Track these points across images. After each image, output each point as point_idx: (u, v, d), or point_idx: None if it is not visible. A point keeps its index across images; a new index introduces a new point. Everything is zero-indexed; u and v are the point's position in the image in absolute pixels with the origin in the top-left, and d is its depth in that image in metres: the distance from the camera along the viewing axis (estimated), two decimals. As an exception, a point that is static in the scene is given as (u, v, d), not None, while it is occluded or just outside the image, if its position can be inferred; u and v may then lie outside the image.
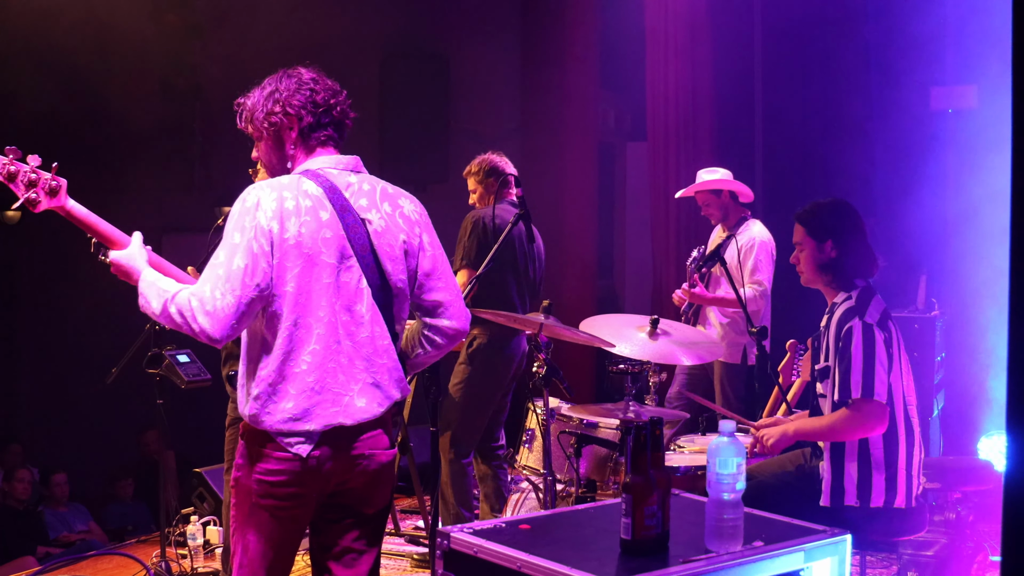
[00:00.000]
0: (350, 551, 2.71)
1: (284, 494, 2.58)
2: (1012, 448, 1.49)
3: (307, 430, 2.55)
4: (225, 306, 2.49)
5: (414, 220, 2.73)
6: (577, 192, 7.73)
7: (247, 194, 2.59)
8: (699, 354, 4.44)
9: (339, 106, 2.76)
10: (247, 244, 2.52)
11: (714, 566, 2.40)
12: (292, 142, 2.72)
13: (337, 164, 2.72)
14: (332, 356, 2.58)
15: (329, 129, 2.74)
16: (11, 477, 6.69)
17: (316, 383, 2.56)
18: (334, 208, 2.60)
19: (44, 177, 2.70)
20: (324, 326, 2.57)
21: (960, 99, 6.68)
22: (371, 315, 2.62)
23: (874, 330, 3.34)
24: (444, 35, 8.22)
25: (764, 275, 5.36)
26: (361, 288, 2.61)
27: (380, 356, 2.64)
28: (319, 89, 2.74)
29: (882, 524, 3.38)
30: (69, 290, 7.70)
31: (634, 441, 2.46)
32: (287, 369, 2.56)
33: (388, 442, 2.69)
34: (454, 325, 2.79)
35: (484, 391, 4.92)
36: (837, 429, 3.36)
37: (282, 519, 2.61)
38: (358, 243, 2.61)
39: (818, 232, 3.53)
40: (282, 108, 2.70)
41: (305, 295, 2.56)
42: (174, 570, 4.67)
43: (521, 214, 3.99)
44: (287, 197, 2.57)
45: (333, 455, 2.58)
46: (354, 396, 2.59)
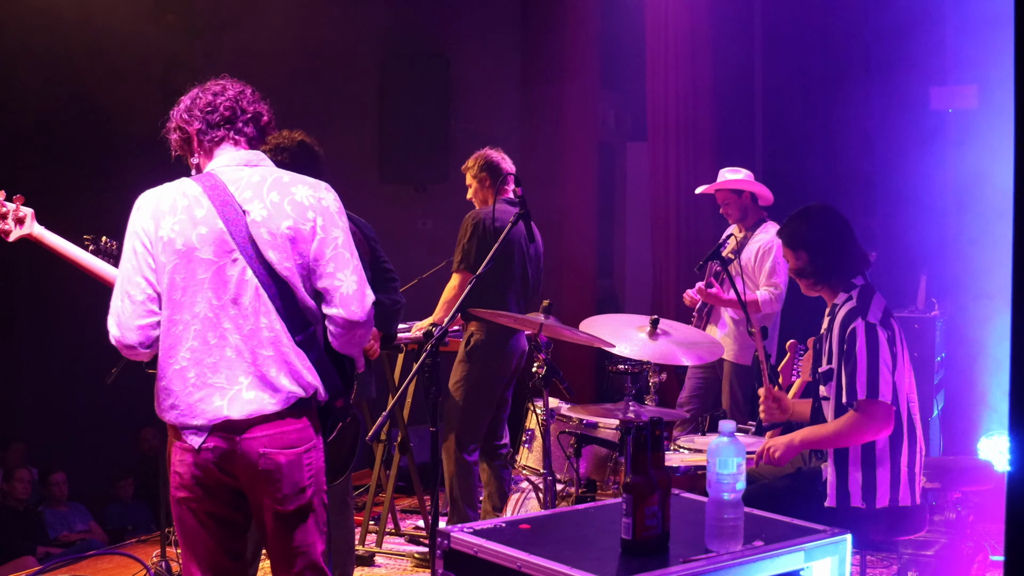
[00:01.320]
0: (281, 552, 2.71)
1: (190, 484, 2.66)
2: (1015, 448, 1.49)
3: (194, 424, 2.60)
4: (124, 309, 2.62)
5: (307, 205, 2.65)
6: (577, 192, 7.74)
7: (136, 202, 2.72)
8: (699, 354, 4.44)
9: (226, 101, 2.78)
10: (132, 246, 2.65)
11: (714, 566, 2.40)
12: (196, 150, 2.82)
13: (232, 161, 2.74)
14: (213, 351, 2.59)
15: (221, 129, 2.77)
16: (11, 477, 6.68)
17: (197, 378, 2.60)
18: (212, 204, 2.63)
19: (10, 208, 2.95)
20: (201, 322, 2.60)
21: (960, 99, 6.68)
22: (256, 307, 2.60)
23: (877, 329, 3.34)
24: (444, 35, 8.22)
25: (781, 278, 5.34)
26: (246, 280, 2.61)
27: (264, 347, 2.60)
28: (202, 94, 2.81)
29: (886, 523, 3.38)
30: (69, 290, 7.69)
31: (634, 441, 2.46)
32: (168, 367, 2.62)
33: (291, 441, 2.62)
34: (341, 314, 2.65)
35: (483, 387, 4.92)
36: (844, 434, 3.34)
37: (195, 511, 2.69)
38: (239, 235, 2.61)
39: (792, 242, 3.56)
40: (175, 126, 2.83)
41: (180, 291, 2.61)
42: (174, 570, 4.67)
43: (521, 213, 3.98)
44: (163, 197, 2.67)
45: (225, 447, 2.61)
46: (242, 389, 2.59)
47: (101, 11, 6.79)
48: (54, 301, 7.97)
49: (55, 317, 8.02)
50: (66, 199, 6.45)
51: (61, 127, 7.11)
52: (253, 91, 2.85)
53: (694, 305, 5.53)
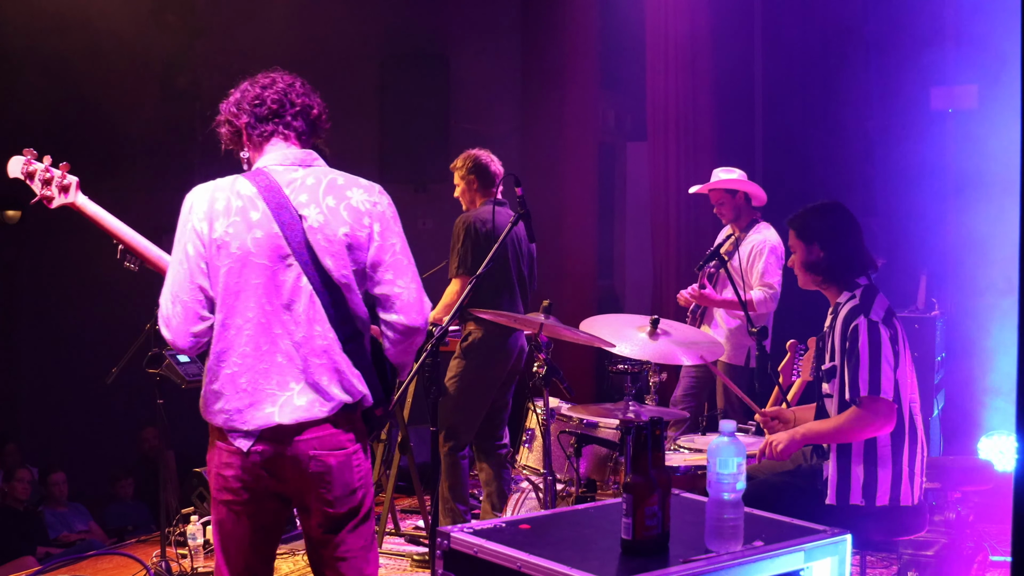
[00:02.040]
0: (336, 559, 2.69)
1: (235, 488, 2.62)
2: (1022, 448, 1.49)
3: (243, 429, 2.57)
4: (176, 314, 2.58)
5: (363, 211, 2.63)
6: (577, 192, 7.73)
7: (186, 198, 2.67)
8: (699, 354, 4.44)
9: (274, 94, 2.73)
10: (183, 247, 2.60)
11: (714, 566, 2.39)
12: (245, 145, 2.77)
13: (284, 160, 2.70)
14: (265, 356, 2.57)
15: (271, 123, 2.72)
16: (11, 477, 6.68)
17: (248, 383, 2.57)
18: (268, 207, 2.59)
19: (56, 175, 2.87)
20: (254, 327, 2.56)
21: (960, 99, 6.68)
22: (310, 314, 2.58)
23: (880, 327, 3.34)
24: (444, 35, 8.22)
25: (774, 278, 5.35)
26: (300, 286, 2.58)
27: (318, 356, 2.58)
28: (251, 87, 2.75)
29: (886, 523, 3.38)
30: (69, 290, 7.71)
31: (634, 441, 2.46)
32: (220, 370, 2.59)
33: (340, 442, 2.61)
34: (402, 320, 2.65)
35: (478, 385, 4.92)
36: (845, 430, 3.34)
37: (238, 514, 2.64)
38: (295, 240, 2.57)
39: (806, 235, 3.55)
40: (224, 119, 2.77)
41: (233, 296, 2.57)
42: (174, 570, 4.67)
43: (522, 213, 3.98)
44: (218, 198, 2.61)
45: (275, 453, 2.58)
46: (294, 395, 2.57)
47: (101, 12, 6.80)
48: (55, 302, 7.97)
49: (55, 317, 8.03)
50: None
51: (62, 127, 7.12)
52: (303, 83, 2.80)
53: (688, 305, 5.54)
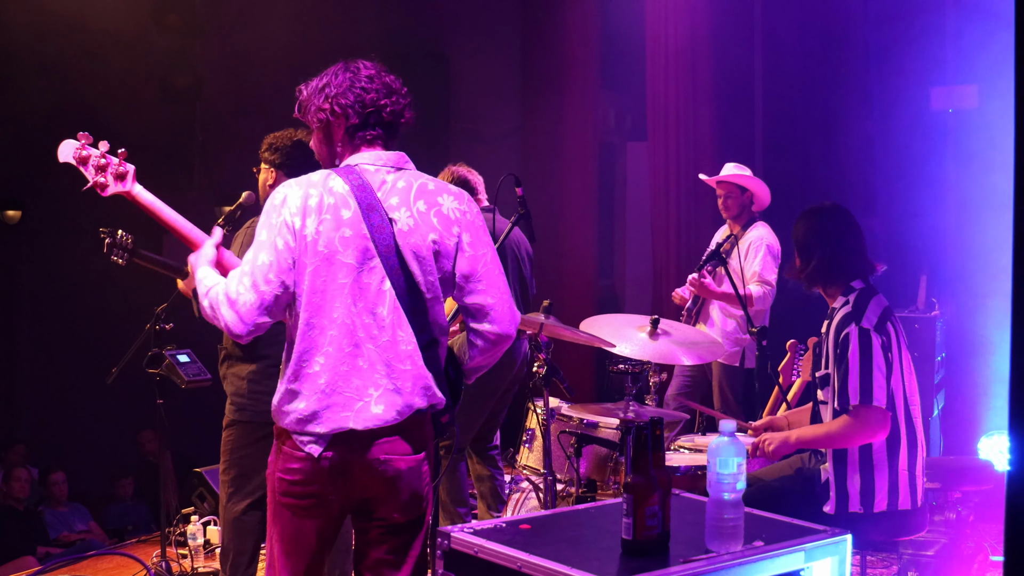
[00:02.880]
0: (384, 563, 2.65)
1: (300, 492, 2.56)
2: (1015, 448, 1.49)
3: (316, 432, 2.52)
4: (247, 301, 2.50)
5: (453, 219, 2.61)
6: (577, 192, 7.74)
7: (276, 191, 2.60)
8: (699, 354, 4.44)
9: (390, 106, 2.69)
10: (272, 240, 2.52)
11: (714, 566, 2.39)
12: (340, 140, 2.69)
13: (377, 160, 2.65)
14: (347, 359, 2.52)
15: (377, 129, 2.68)
16: (10, 477, 6.69)
17: (327, 385, 2.51)
18: (359, 206, 2.54)
19: (113, 162, 2.79)
20: (339, 328, 2.52)
21: (960, 99, 6.68)
22: (393, 318, 2.54)
23: (871, 335, 3.33)
24: (444, 35, 8.22)
25: (771, 274, 5.36)
26: (384, 290, 2.54)
27: (402, 362, 2.54)
28: (371, 88, 2.68)
29: (885, 525, 3.38)
30: (69, 290, 7.70)
31: (635, 441, 2.46)
32: (302, 370, 2.53)
33: (409, 448, 2.58)
34: (495, 329, 2.65)
35: (477, 395, 4.88)
36: (838, 436, 3.34)
37: (302, 519, 2.58)
38: (382, 243, 2.53)
39: (797, 239, 3.58)
40: (330, 106, 2.67)
41: (319, 295, 2.52)
42: (174, 570, 4.67)
43: (522, 214, 3.98)
44: (312, 194, 2.55)
45: (345, 458, 2.53)
46: (371, 401, 2.52)
47: (102, 12, 6.80)
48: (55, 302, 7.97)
49: (55, 317, 8.03)
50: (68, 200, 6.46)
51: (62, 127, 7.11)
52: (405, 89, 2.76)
53: (683, 304, 5.55)
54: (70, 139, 2.79)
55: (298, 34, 7.08)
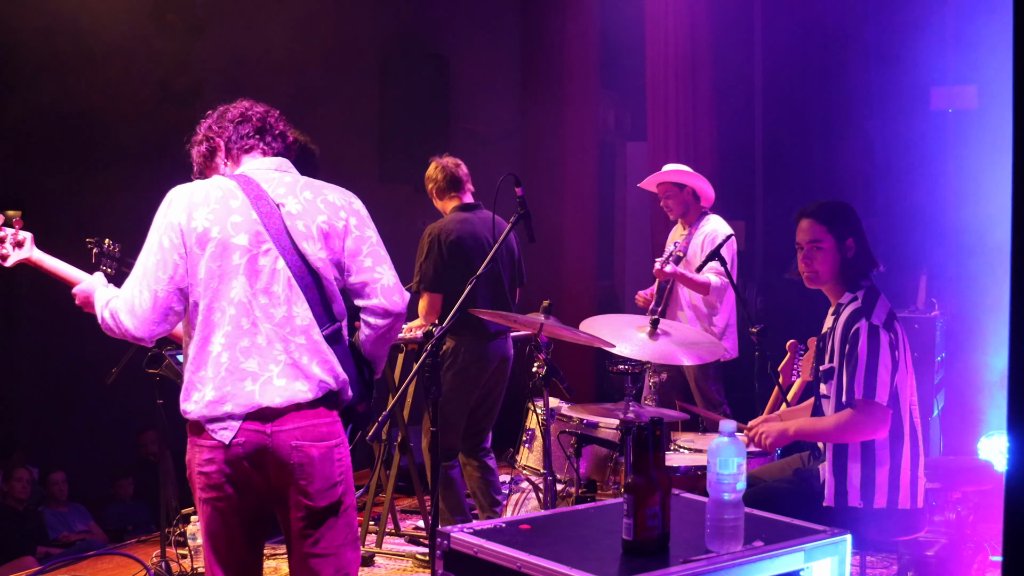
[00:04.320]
0: (312, 555, 2.69)
1: (218, 483, 2.63)
2: (1013, 448, 1.49)
3: (226, 412, 2.59)
4: (142, 302, 2.61)
5: (339, 205, 2.75)
6: (577, 192, 7.74)
7: (166, 197, 2.71)
8: (699, 354, 4.44)
9: (256, 115, 2.83)
10: (158, 240, 2.63)
11: (714, 566, 2.39)
12: (222, 160, 2.84)
13: (262, 165, 2.79)
14: (246, 335, 2.61)
15: (252, 138, 2.81)
16: (10, 477, 6.68)
17: (230, 363, 2.60)
18: (247, 196, 2.68)
19: (8, 233, 2.91)
20: (236, 307, 2.61)
21: (960, 99, 6.68)
22: (288, 295, 2.64)
23: (880, 332, 3.33)
24: (444, 35, 8.22)
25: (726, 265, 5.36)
26: (277, 269, 2.64)
27: (296, 335, 2.63)
28: (231, 108, 2.85)
29: (884, 524, 3.38)
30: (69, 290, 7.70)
31: (635, 441, 2.46)
32: (203, 355, 2.62)
33: (323, 434, 2.64)
34: (382, 304, 2.73)
35: (455, 392, 4.87)
36: (837, 430, 3.35)
37: (223, 511, 2.66)
38: (273, 226, 2.65)
39: (840, 230, 3.47)
40: (202, 137, 2.85)
41: (216, 279, 2.62)
42: (174, 570, 4.67)
43: (522, 214, 3.98)
44: (196, 191, 2.68)
45: (257, 444, 2.59)
46: (273, 376, 2.60)
47: (101, 12, 6.80)
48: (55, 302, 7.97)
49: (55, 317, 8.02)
50: (68, 201, 6.46)
51: (62, 127, 7.11)
52: (279, 114, 2.91)
53: (646, 306, 5.55)
54: None
55: (298, 35, 7.08)
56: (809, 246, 3.50)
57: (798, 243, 3.54)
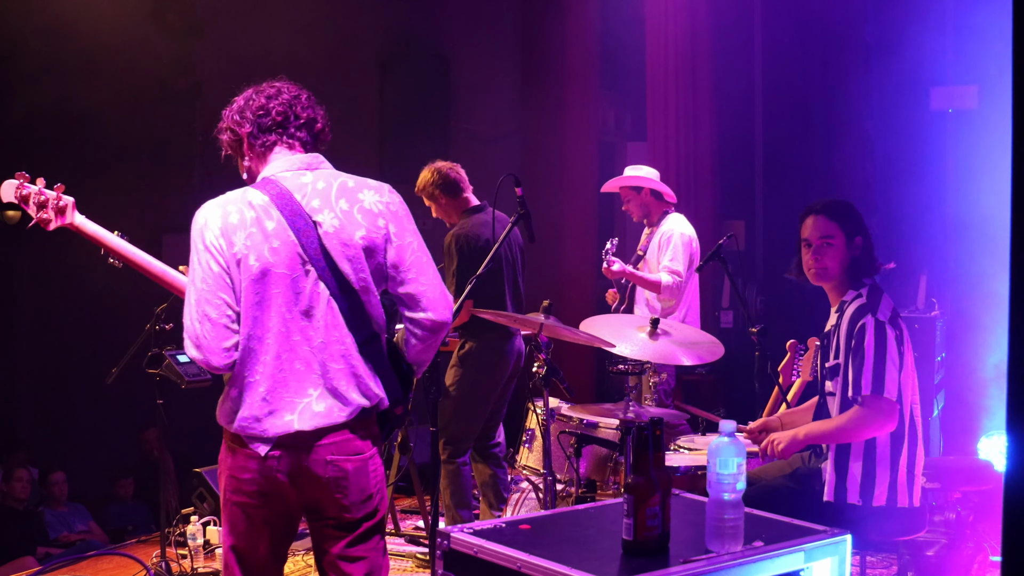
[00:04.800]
0: (342, 558, 2.69)
1: (250, 491, 2.61)
2: (1012, 448, 1.49)
3: (262, 436, 2.57)
4: (206, 332, 2.55)
5: (376, 212, 2.65)
6: (577, 192, 7.74)
7: (197, 214, 2.63)
8: (699, 354, 4.44)
9: (279, 106, 2.72)
10: (206, 265, 2.57)
11: (714, 566, 2.39)
12: (247, 153, 2.76)
13: (292, 165, 2.69)
14: (284, 364, 2.57)
15: (274, 133, 2.71)
16: (11, 477, 6.68)
17: (268, 393, 2.56)
18: (282, 215, 2.58)
19: (51, 197, 2.83)
20: (275, 336, 2.56)
21: (960, 99, 6.68)
22: (328, 320, 2.58)
23: (886, 327, 3.33)
24: (444, 35, 8.22)
25: (680, 264, 5.37)
26: (318, 292, 2.58)
27: (336, 361, 2.58)
28: (256, 96, 2.74)
29: (884, 523, 3.38)
30: (69, 290, 7.70)
31: (636, 441, 2.46)
32: (243, 380, 2.58)
33: (355, 448, 2.63)
34: (431, 316, 2.68)
35: (477, 392, 4.91)
36: (847, 429, 3.33)
37: (252, 517, 2.63)
38: (311, 247, 2.57)
39: (851, 227, 3.46)
40: (226, 127, 2.76)
41: (256, 307, 2.56)
42: (174, 570, 4.67)
43: (522, 214, 3.98)
44: (231, 211, 2.59)
45: (292, 458, 2.58)
46: (312, 401, 2.57)
47: (102, 12, 6.80)
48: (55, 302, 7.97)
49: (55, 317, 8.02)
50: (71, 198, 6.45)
51: (62, 127, 7.11)
52: (309, 95, 2.79)
53: (614, 303, 5.60)
54: (9, 179, 2.85)
55: (298, 34, 7.08)
56: (820, 242, 3.47)
57: (806, 239, 3.50)
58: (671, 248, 5.38)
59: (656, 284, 5.34)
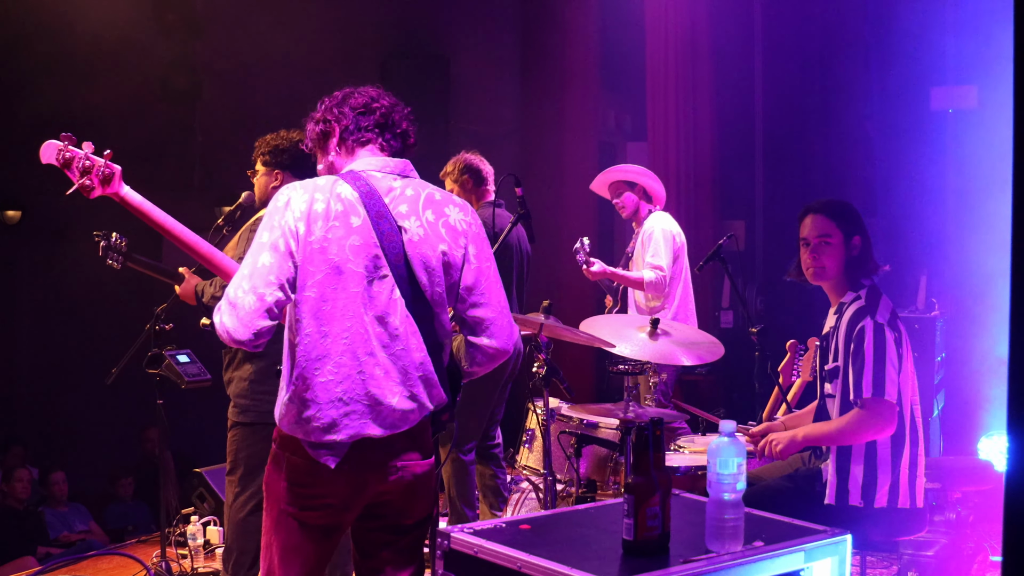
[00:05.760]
0: (389, 563, 2.64)
1: (310, 505, 2.53)
2: (1013, 448, 1.49)
3: (334, 440, 2.49)
4: (248, 304, 2.43)
5: (460, 231, 2.61)
6: (577, 192, 7.73)
7: (280, 193, 2.55)
8: (699, 354, 4.44)
9: (381, 108, 2.67)
10: (273, 242, 2.47)
11: (714, 566, 2.39)
12: (334, 148, 2.69)
13: (384, 167, 2.63)
14: (363, 367, 2.50)
15: (371, 132, 2.66)
16: (10, 477, 6.69)
17: (344, 394, 2.49)
18: (368, 214, 2.51)
19: (98, 164, 2.72)
20: (351, 336, 2.49)
21: (960, 99, 6.68)
22: (405, 328, 2.53)
23: (885, 330, 3.33)
24: (444, 35, 8.22)
25: (662, 259, 5.36)
26: (395, 299, 2.52)
27: (416, 370, 2.55)
28: (358, 94, 2.69)
29: (885, 524, 3.38)
30: (69, 290, 7.70)
31: (636, 441, 2.46)
32: (313, 379, 2.49)
33: (421, 453, 2.60)
34: (494, 344, 2.67)
35: (478, 388, 4.90)
36: (847, 432, 3.33)
37: (309, 528, 2.55)
38: (392, 252, 2.51)
39: (849, 227, 3.45)
40: (320, 117, 2.69)
41: (329, 303, 2.49)
42: (174, 570, 4.67)
43: (522, 214, 3.98)
44: (318, 199, 2.51)
45: (362, 466, 2.52)
46: (392, 407, 2.52)
47: (101, 12, 6.80)
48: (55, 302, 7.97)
49: (55, 317, 8.03)
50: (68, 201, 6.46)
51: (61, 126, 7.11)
52: (408, 111, 2.75)
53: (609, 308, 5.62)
54: (53, 140, 2.72)
55: (298, 34, 7.09)
56: (817, 240, 3.47)
57: (804, 238, 3.50)
58: (652, 244, 5.37)
59: (639, 282, 5.34)
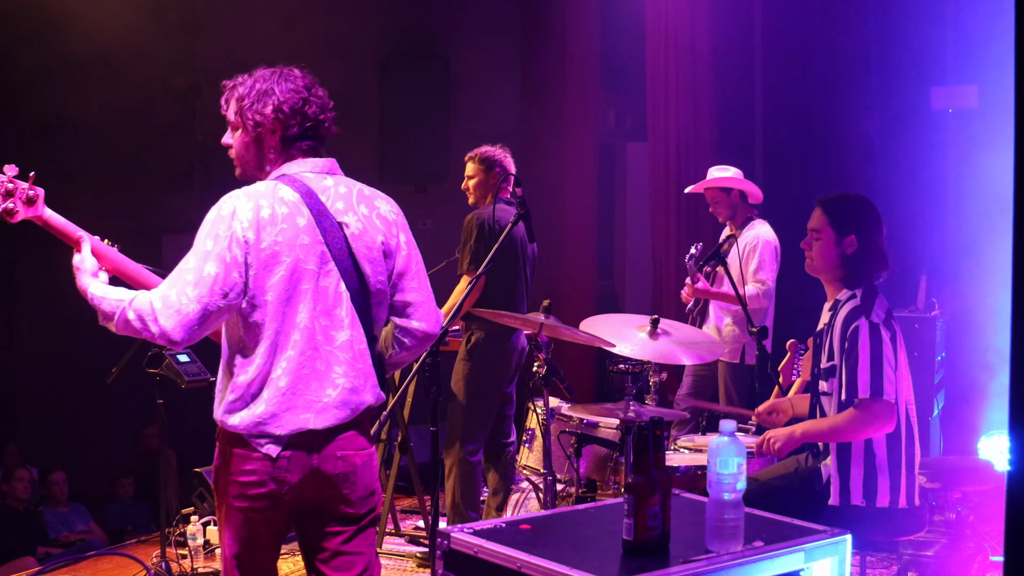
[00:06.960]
0: (339, 554, 2.69)
1: (256, 495, 2.58)
2: (1015, 447, 1.49)
3: (274, 434, 2.55)
4: (191, 311, 2.49)
5: (391, 220, 2.74)
6: (577, 192, 7.74)
7: (223, 202, 2.59)
8: (699, 354, 4.44)
9: (327, 121, 2.74)
10: (220, 252, 2.51)
11: (714, 566, 2.39)
12: (272, 147, 2.70)
13: (313, 168, 2.69)
14: (307, 361, 2.57)
15: (312, 141, 2.72)
16: (10, 477, 6.69)
17: (288, 388, 2.56)
18: (311, 213, 2.59)
19: (21, 187, 2.73)
20: (301, 332, 2.57)
21: (960, 99, 6.68)
22: (350, 319, 2.63)
23: (881, 329, 3.32)
24: (444, 35, 8.22)
25: (767, 274, 5.38)
26: (340, 292, 2.61)
27: (358, 360, 2.63)
28: (312, 100, 2.71)
29: (885, 524, 3.38)
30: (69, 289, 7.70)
31: (636, 441, 2.46)
32: (265, 375, 2.56)
33: (362, 442, 2.67)
34: (423, 327, 2.78)
35: (487, 386, 4.91)
36: (844, 430, 3.33)
37: (255, 521, 2.61)
38: (336, 247, 2.61)
39: (841, 225, 3.44)
40: (273, 112, 2.67)
41: (285, 303, 2.56)
42: (174, 570, 4.67)
43: (522, 213, 3.98)
44: (263, 206, 2.56)
45: (303, 456, 2.58)
46: (331, 402, 2.59)
47: (102, 12, 6.80)
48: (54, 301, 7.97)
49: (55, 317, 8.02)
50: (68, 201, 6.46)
51: (61, 126, 7.11)
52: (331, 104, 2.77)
53: (688, 302, 5.58)
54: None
55: (298, 34, 7.08)
56: (811, 234, 3.52)
57: (808, 227, 3.54)
58: (758, 257, 5.38)
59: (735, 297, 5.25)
